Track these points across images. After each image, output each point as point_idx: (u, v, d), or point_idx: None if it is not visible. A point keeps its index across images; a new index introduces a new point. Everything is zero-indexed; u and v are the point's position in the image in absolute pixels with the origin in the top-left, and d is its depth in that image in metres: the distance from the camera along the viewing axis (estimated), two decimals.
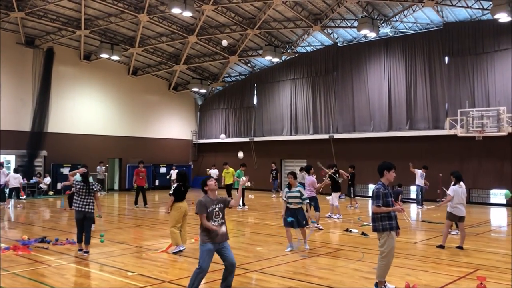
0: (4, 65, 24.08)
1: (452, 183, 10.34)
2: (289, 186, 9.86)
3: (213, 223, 6.17)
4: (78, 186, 9.36)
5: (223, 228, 6.26)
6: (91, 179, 9.88)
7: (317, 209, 12.88)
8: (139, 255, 9.34)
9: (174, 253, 9.37)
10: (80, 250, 9.35)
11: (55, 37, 25.17)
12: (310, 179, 13.10)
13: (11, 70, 24.50)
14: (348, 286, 6.93)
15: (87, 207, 9.20)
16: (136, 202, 18.83)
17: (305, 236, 9.91)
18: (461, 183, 11.31)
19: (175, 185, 9.86)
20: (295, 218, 9.56)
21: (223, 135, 23.38)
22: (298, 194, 9.68)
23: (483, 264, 8.54)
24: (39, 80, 25.10)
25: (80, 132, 27.12)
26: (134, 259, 8.97)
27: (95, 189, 9.40)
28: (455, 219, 10.21)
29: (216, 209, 6.31)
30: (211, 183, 6.48)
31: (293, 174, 10.01)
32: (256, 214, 16.64)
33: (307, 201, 9.88)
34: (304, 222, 9.71)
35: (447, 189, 10.39)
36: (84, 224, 9.25)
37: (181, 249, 9.46)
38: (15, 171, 19.72)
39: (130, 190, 28.82)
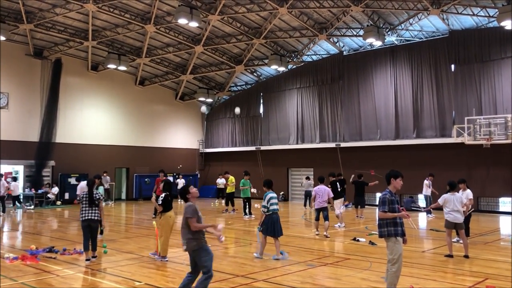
0: (13, 76, 24.42)
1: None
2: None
3: None
4: (82, 196, 9.61)
5: None
6: (101, 189, 10.10)
7: (326, 218, 13.04)
8: (146, 264, 9.34)
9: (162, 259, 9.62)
10: (87, 259, 9.43)
11: (63, 48, 25.47)
12: (326, 189, 13.15)
13: (20, 81, 24.81)
14: None
15: (91, 215, 9.42)
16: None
17: (276, 246, 9.98)
18: (467, 191, 11.39)
19: (163, 195, 9.90)
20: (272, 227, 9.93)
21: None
22: (264, 203, 10.05)
23: (492, 273, 8.46)
24: (47, 91, 25.36)
25: (87, 142, 27.30)
26: (141, 268, 8.98)
27: (98, 198, 9.59)
28: (452, 226, 10.20)
29: (201, 216, 6.52)
30: (194, 190, 6.66)
31: (265, 183, 10.31)
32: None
33: (264, 209, 9.97)
34: (261, 229, 9.98)
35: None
36: (91, 232, 9.47)
37: (165, 260, 9.61)
38: (14, 179, 20.96)
39: (137, 199, 28.94)
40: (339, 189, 16.15)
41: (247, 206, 18.67)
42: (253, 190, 19.15)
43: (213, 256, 6.40)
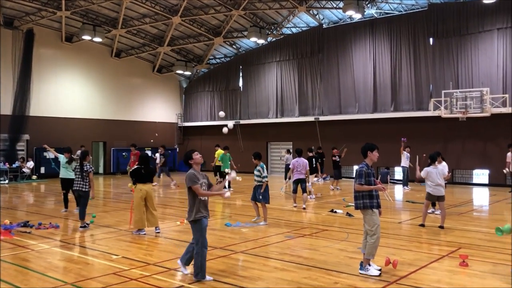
0: None
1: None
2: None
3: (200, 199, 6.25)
4: (75, 167, 10.62)
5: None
6: (74, 164, 10.73)
7: (304, 191, 13.34)
8: (123, 238, 9.27)
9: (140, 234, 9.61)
10: (82, 226, 10.16)
11: (35, 18, 24.56)
12: (305, 162, 13.26)
13: None
14: (333, 266, 6.97)
15: (80, 186, 10.30)
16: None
17: (264, 213, 10.87)
18: (442, 163, 11.54)
19: (134, 167, 10.01)
20: (253, 193, 10.93)
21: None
22: (257, 173, 10.91)
23: (465, 243, 8.66)
24: (19, 63, 24.52)
25: (63, 115, 26.71)
26: (119, 242, 8.91)
27: (88, 170, 10.32)
28: (434, 199, 10.37)
29: (203, 184, 6.29)
30: (197, 156, 6.37)
31: (254, 155, 11.13)
32: (242, 197, 16.64)
33: (266, 179, 10.86)
34: (260, 198, 10.75)
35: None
36: (80, 201, 10.42)
37: (142, 233, 9.57)
38: None
39: (115, 174, 28.64)
40: (313, 165, 16.75)
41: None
42: (228, 171, 18.76)
43: (204, 230, 6.22)
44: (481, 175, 21.40)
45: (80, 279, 6.29)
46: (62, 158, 12.80)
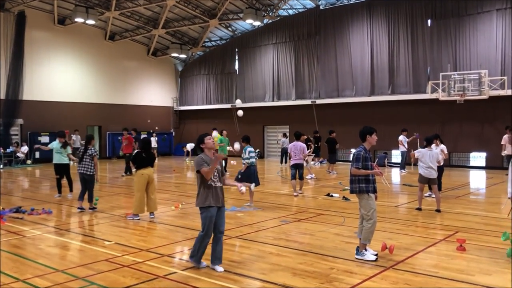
0: None
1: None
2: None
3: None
4: (80, 151, 10.61)
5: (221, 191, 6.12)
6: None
7: (301, 177, 12.90)
8: (117, 223, 9.15)
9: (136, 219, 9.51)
10: (80, 208, 10.35)
11: (26, 0, 24.07)
12: (302, 145, 12.86)
13: None
14: (329, 251, 6.88)
15: (85, 169, 10.43)
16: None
17: (250, 196, 11.01)
18: (441, 146, 11.50)
19: (135, 152, 9.98)
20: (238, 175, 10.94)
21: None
22: (243, 155, 11.00)
23: (462, 227, 8.58)
24: (11, 45, 24.12)
25: (57, 99, 26.43)
26: (112, 227, 8.79)
27: (93, 154, 10.51)
28: (425, 181, 10.29)
29: (216, 168, 6.00)
30: (209, 141, 6.06)
31: (242, 138, 11.26)
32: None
33: (248, 161, 10.80)
34: (239, 176, 10.76)
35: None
36: (86, 185, 10.47)
37: (137, 218, 9.47)
38: None
39: (111, 158, 28.48)
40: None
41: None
42: (230, 148, 18.76)
43: (211, 219, 5.90)
44: (478, 158, 21.34)
45: (72, 266, 6.17)
46: (56, 143, 12.61)
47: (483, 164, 20.98)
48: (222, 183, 6.21)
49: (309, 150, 16.06)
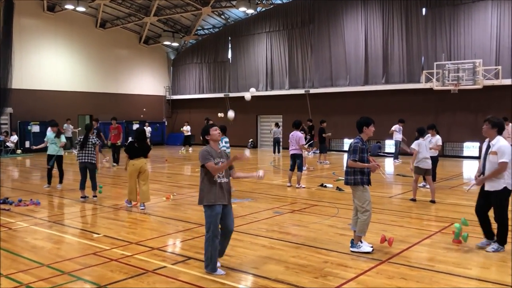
0: None
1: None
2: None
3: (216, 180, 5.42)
4: (80, 139, 10.49)
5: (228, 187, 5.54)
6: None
7: (300, 168, 12.24)
8: (107, 215, 8.96)
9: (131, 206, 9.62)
10: (83, 197, 10.34)
11: None
12: (298, 135, 12.09)
13: None
14: (322, 243, 6.74)
15: (86, 158, 10.38)
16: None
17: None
18: (436, 136, 11.37)
19: (129, 141, 9.95)
20: None
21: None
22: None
23: (458, 218, 8.42)
24: None
25: (47, 88, 26.02)
26: (101, 219, 8.60)
27: (95, 142, 10.49)
28: (422, 173, 10.16)
29: (220, 164, 5.48)
30: (215, 132, 5.53)
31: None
32: None
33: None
34: None
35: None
36: (89, 173, 10.43)
37: (129, 205, 9.63)
38: None
39: (102, 147, 28.09)
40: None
41: None
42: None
43: (216, 217, 5.35)
44: (471, 147, 21.28)
45: (57, 260, 5.98)
46: (50, 134, 12.28)
47: (477, 154, 20.90)
48: (230, 178, 5.63)
49: (307, 141, 15.84)
